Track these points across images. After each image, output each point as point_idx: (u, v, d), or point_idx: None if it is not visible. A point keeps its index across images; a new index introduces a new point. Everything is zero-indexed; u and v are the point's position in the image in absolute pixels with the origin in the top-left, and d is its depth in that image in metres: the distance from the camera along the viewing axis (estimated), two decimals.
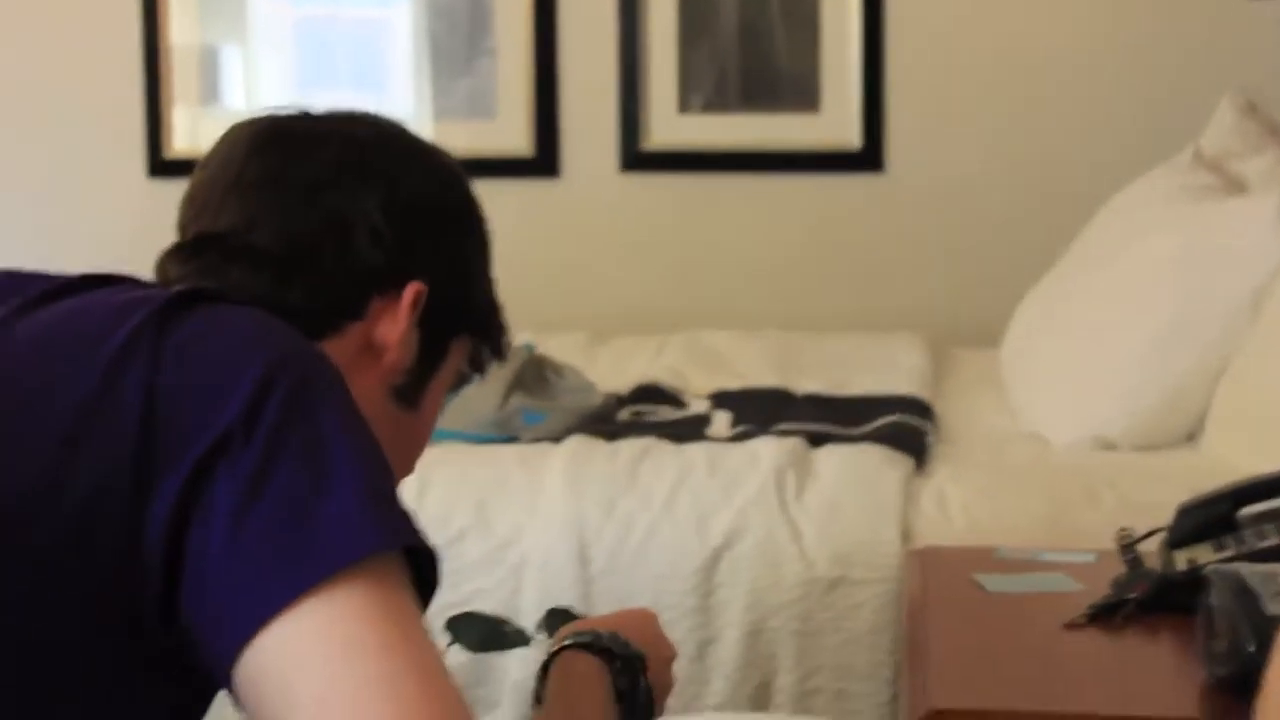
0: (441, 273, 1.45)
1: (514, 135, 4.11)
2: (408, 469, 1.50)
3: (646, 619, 1.64)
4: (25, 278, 1.33)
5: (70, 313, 1.24)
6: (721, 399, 3.10)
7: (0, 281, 1.33)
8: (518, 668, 2.38)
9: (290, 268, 1.40)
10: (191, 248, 1.42)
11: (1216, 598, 1.72)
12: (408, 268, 1.43)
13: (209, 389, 1.17)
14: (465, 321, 1.50)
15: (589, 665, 1.51)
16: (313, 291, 1.40)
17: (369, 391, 1.40)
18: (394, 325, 1.42)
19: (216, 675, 1.15)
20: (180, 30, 4.21)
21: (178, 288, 1.27)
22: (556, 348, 3.18)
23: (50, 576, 1.13)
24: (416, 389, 1.47)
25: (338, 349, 1.37)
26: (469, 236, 1.51)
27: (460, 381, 1.55)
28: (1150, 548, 1.99)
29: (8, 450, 1.15)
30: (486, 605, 2.36)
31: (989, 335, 3.53)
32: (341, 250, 1.41)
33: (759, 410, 2.97)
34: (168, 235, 1.45)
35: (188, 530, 1.14)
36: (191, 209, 1.45)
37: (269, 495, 1.14)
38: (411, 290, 1.42)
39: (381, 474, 1.20)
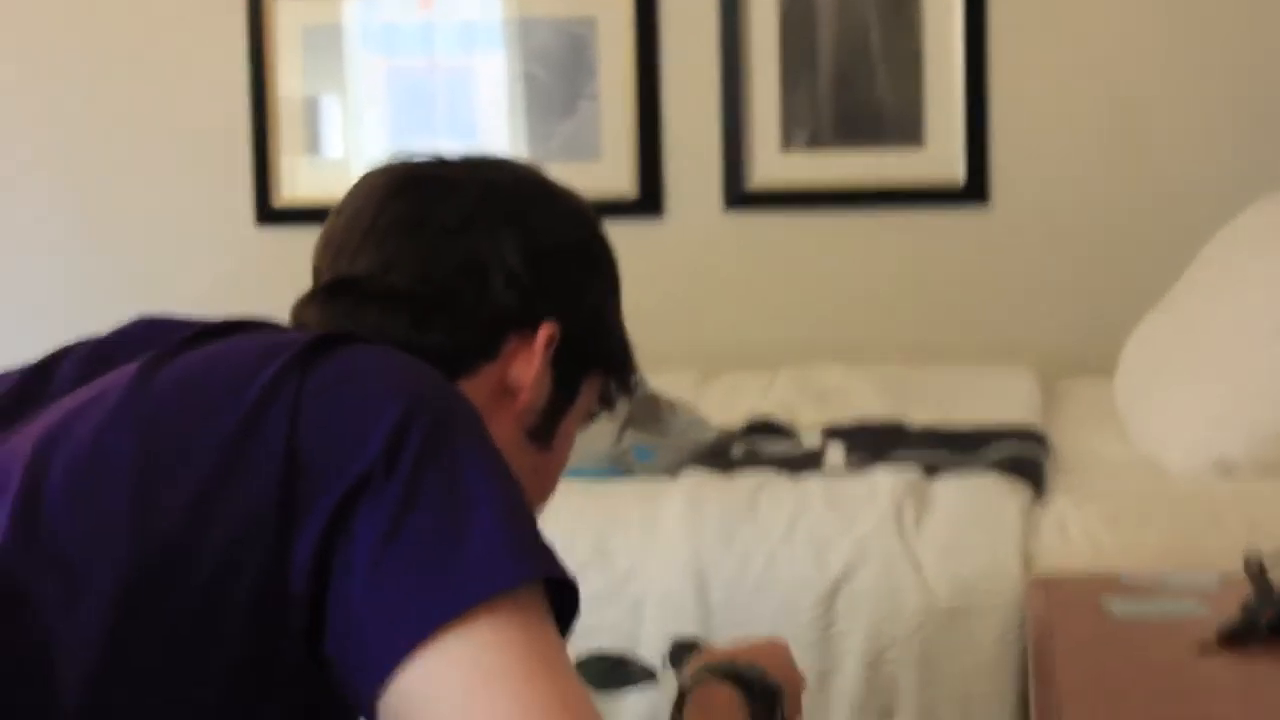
0: (574, 313, 1.47)
1: (618, 177, 4.13)
2: (541, 506, 1.51)
3: (779, 649, 1.63)
4: (166, 324, 1.36)
5: (212, 358, 1.26)
6: (834, 432, 3.10)
7: (142, 328, 1.36)
8: (639, 700, 2.38)
9: (427, 310, 1.41)
10: (328, 292, 1.44)
11: None
12: (542, 308, 1.44)
13: (350, 431, 1.19)
14: (597, 360, 1.52)
15: (728, 698, 1.51)
16: (449, 333, 1.41)
17: (504, 431, 1.41)
18: (528, 366, 1.44)
19: (360, 708, 1.17)
20: (285, 82, 4.26)
21: (317, 332, 1.30)
22: (666, 385, 3.18)
23: (195, 621, 1.15)
24: (550, 427, 1.49)
25: (473, 390, 1.38)
26: (601, 276, 1.53)
27: (590, 418, 1.56)
28: (1277, 572, 1.97)
29: (151, 496, 1.17)
30: (606, 640, 2.36)
31: (1099, 366, 3.51)
32: (477, 292, 1.43)
33: (872, 442, 2.96)
34: (275, 281, 1.47)
35: (331, 569, 1.16)
36: (328, 254, 1.47)
37: (410, 531, 1.16)
38: (545, 331, 1.44)
39: (521, 507, 1.22)
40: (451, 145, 4.04)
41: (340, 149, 4.34)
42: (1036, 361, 3.75)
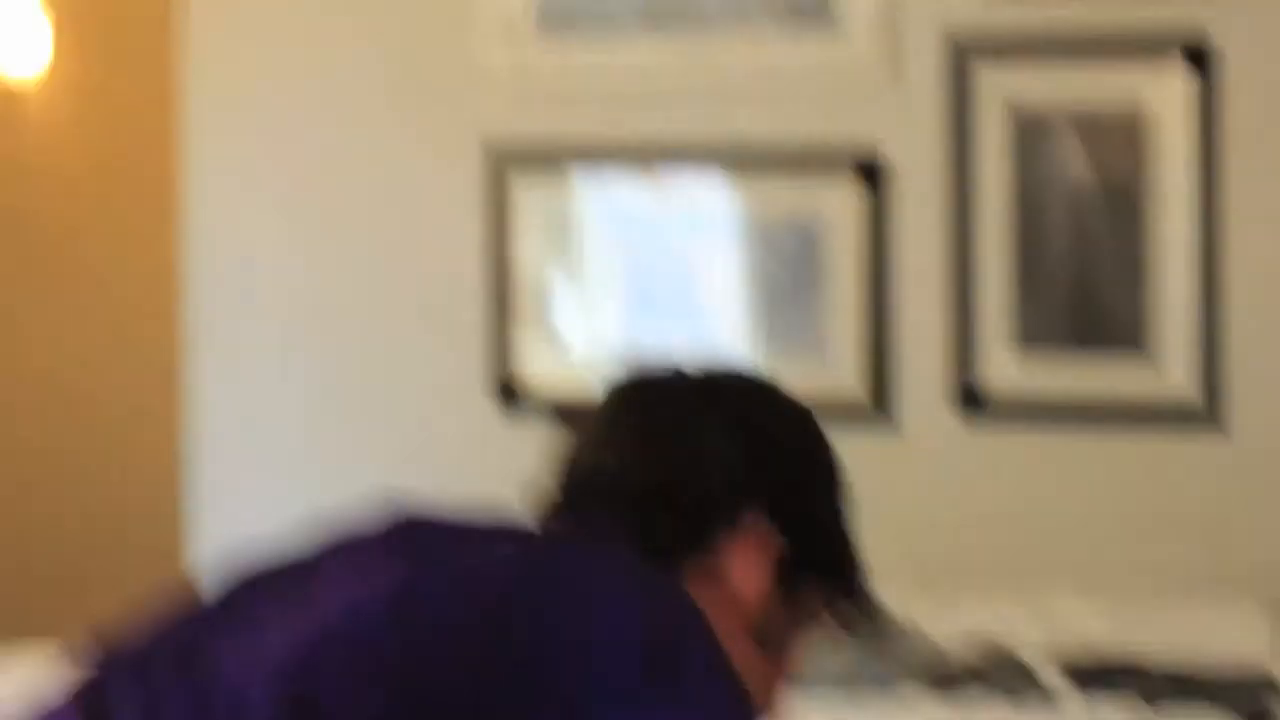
0: (794, 516, 1.54)
1: (843, 375, 4.14)
2: (766, 704, 1.55)
3: None
4: (422, 521, 1.44)
5: (471, 562, 1.35)
6: (1059, 661, 3.08)
7: (397, 522, 1.45)
8: None
9: (650, 509, 1.49)
10: (563, 492, 1.54)
11: None
12: (761, 510, 1.52)
13: (592, 634, 1.28)
14: (819, 564, 1.58)
15: None
16: (670, 532, 1.49)
17: (726, 628, 1.46)
18: (746, 564, 1.51)
19: None
20: (522, 260, 4.34)
21: (560, 536, 1.41)
22: (889, 597, 3.18)
23: None
24: (771, 628, 1.54)
25: (694, 588, 1.45)
26: (822, 482, 1.60)
27: (820, 624, 1.59)
28: None
29: (411, 687, 1.25)
30: None
31: None
32: (696, 492, 1.51)
33: (1097, 676, 2.94)
34: (508, 461, 1.57)
35: None
36: (567, 456, 1.57)
37: None
38: (762, 531, 1.51)
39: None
40: (680, 328, 4.16)
41: (571, 330, 4.40)
42: (1270, 598, 3.67)
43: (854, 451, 1.89)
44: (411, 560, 1.36)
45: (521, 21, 4.31)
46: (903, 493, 4.04)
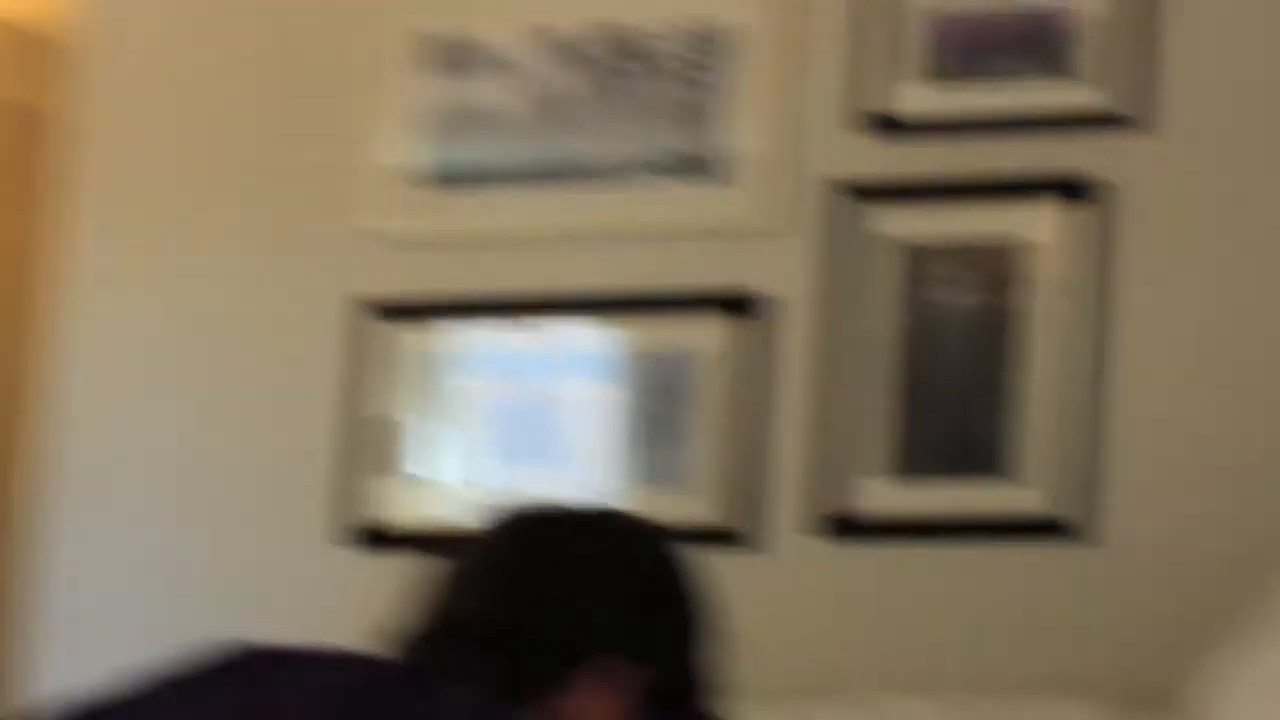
0: (655, 655, 1.60)
1: (711, 505, 4.09)
2: None
3: None
4: (268, 656, 1.47)
5: (305, 684, 1.40)
6: None
7: (246, 660, 1.48)
8: None
9: (508, 647, 1.53)
10: (424, 627, 1.60)
11: None
12: (619, 648, 1.58)
13: None
14: (678, 703, 1.61)
15: None
16: (527, 671, 1.54)
17: None
18: (601, 706, 1.55)
19: None
20: (374, 402, 4.30)
21: (407, 666, 1.48)
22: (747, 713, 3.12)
23: None
24: None
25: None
26: (687, 623, 1.66)
27: None
28: None
29: None
30: None
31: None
32: (555, 633, 1.56)
33: None
34: (349, 602, 1.60)
35: None
36: (432, 592, 1.64)
37: None
38: (620, 673, 1.57)
39: None
40: (544, 469, 4.10)
41: (433, 475, 4.32)
42: (1124, 698, 3.54)
43: (722, 574, 1.93)
44: (247, 689, 1.39)
45: (399, 179, 4.35)
46: (768, 611, 3.94)
